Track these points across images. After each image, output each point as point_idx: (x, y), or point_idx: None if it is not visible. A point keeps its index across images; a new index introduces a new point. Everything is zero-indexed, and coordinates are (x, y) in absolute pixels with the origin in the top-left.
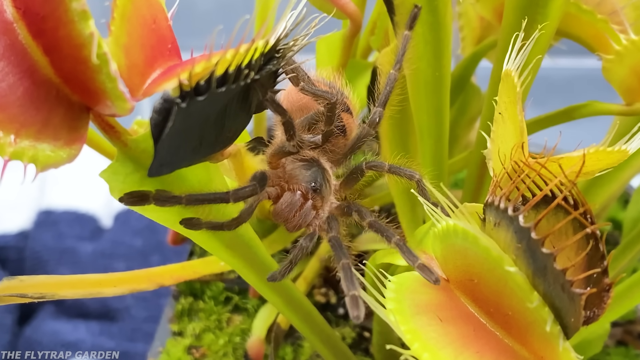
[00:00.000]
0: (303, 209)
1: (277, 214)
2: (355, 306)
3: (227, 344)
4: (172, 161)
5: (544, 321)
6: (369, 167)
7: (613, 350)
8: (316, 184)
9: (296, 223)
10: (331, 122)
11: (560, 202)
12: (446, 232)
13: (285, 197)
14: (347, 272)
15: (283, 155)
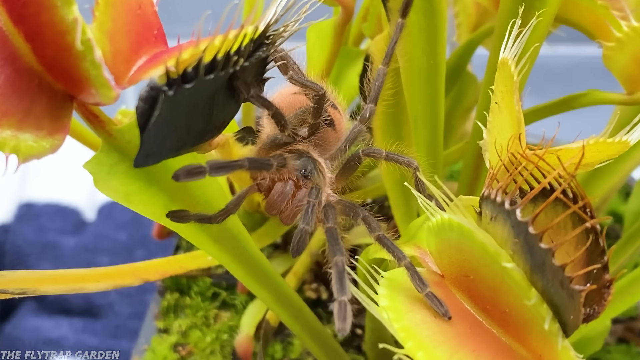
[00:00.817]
0: (296, 196)
1: (270, 206)
2: (342, 316)
3: (214, 341)
4: (158, 151)
5: (542, 319)
6: (366, 154)
7: (614, 348)
8: (307, 171)
9: (291, 212)
10: (319, 114)
11: (558, 196)
12: (441, 226)
13: (277, 187)
14: (339, 272)
15: (273, 148)
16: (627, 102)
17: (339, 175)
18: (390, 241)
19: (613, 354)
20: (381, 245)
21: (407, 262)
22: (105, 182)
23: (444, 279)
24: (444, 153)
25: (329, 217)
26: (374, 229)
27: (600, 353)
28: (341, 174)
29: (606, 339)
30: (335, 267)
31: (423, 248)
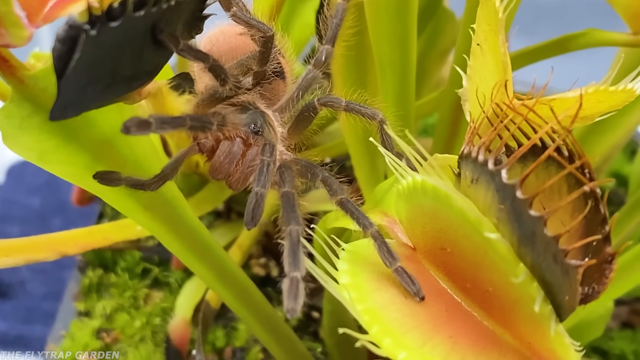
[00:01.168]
0: (247, 156)
1: (216, 169)
2: (292, 294)
3: (144, 326)
4: (78, 102)
5: (532, 299)
6: (323, 103)
7: (617, 334)
8: (257, 126)
9: (241, 175)
10: (266, 60)
11: (552, 154)
12: (412, 190)
13: (223, 146)
14: (293, 243)
15: (213, 103)
16: (633, 43)
17: (291, 130)
18: (355, 206)
19: (616, 341)
20: (344, 211)
21: (374, 231)
22: (15, 137)
23: (416, 253)
24: (416, 104)
25: (285, 179)
26: (335, 192)
27: (601, 340)
28: (294, 127)
29: (608, 323)
30: (289, 238)
31: (391, 216)
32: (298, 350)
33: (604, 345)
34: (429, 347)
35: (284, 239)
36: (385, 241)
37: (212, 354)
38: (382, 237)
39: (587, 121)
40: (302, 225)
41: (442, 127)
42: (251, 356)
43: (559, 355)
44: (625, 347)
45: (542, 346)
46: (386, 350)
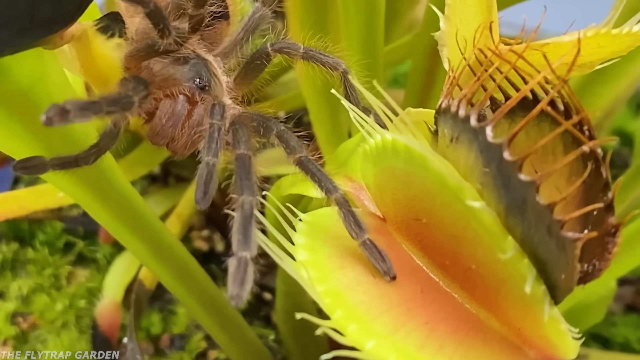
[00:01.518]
0: (192, 117)
1: (157, 133)
2: (239, 279)
3: (67, 309)
4: None
5: (522, 278)
6: (277, 50)
7: (620, 319)
8: (203, 80)
9: (187, 139)
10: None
11: (544, 108)
12: (382, 151)
13: (164, 106)
14: (245, 217)
15: (148, 56)
16: None
17: (239, 79)
18: (317, 166)
19: (619, 327)
20: (303, 172)
21: (339, 196)
22: None
23: (385, 224)
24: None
25: (239, 139)
26: (293, 149)
27: (602, 326)
28: (242, 77)
29: (610, 306)
30: (241, 210)
31: (357, 181)
32: (247, 338)
33: (605, 331)
34: (402, 335)
35: (235, 211)
36: (352, 209)
37: (146, 341)
38: (349, 203)
39: (586, 69)
40: (257, 197)
41: (415, 76)
42: (192, 344)
43: (554, 343)
44: (629, 334)
45: (533, 333)
46: (351, 338)
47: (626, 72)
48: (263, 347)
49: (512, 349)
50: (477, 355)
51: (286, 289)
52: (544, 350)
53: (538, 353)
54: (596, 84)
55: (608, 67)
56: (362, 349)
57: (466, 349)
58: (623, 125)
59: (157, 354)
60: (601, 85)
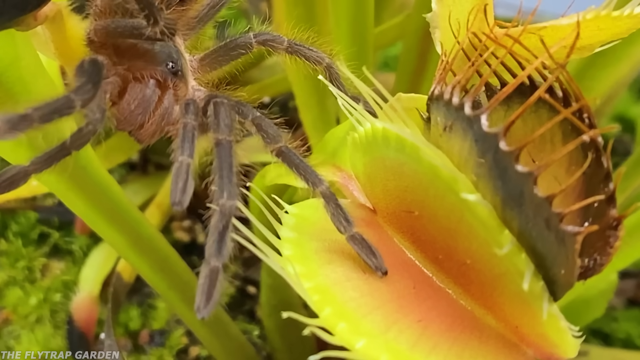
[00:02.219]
0: (163, 104)
1: (125, 118)
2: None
3: (41, 304)
4: None
5: (520, 274)
6: (261, 42)
7: (622, 314)
8: (176, 64)
9: (156, 128)
10: None
11: (542, 96)
12: (372, 140)
13: (133, 91)
14: (223, 222)
15: (115, 34)
16: None
17: (206, 61)
18: (299, 157)
19: (621, 322)
20: (285, 163)
21: (325, 189)
22: None
23: (376, 216)
24: (374, 30)
25: (221, 120)
26: (272, 138)
27: (602, 321)
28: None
29: (611, 300)
30: (219, 215)
31: (346, 170)
32: (230, 334)
33: (605, 327)
34: (393, 334)
35: (213, 214)
36: (339, 202)
37: (124, 337)
38: (335, 196)
39: (585, 52)
40: (238, 198)
41: (407, 59)
42: (173, 340)
43: (553, 341)
44: (631, 329)
45: (532, 330)
46: (341, 337)
47: (627, 55)
48: (247, 343)
49: (509, 347)
50: (473, 354)
51: (272, 282)
52: (542, 349)
53: (536, 351)
54: (596, 67)
55: (608, 49)
56: (352, 349)
57: (461, 347)
58: (624, 110)
59: (136, 351)
60: (601, 69)
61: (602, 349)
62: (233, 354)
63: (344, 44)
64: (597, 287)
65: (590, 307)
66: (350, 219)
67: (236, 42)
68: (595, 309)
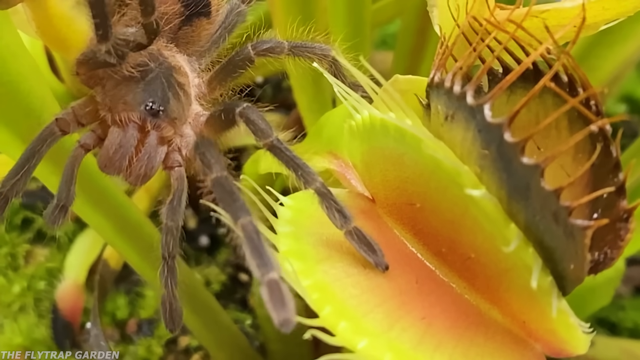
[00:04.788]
0: (143, 149)
1: (105, 165)
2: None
3: (25, 292)
4: None
5: (527, 269)
6: (261, 53)
7: (629, 303)
8: (156, 103)
9: (138, 174)
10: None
11: (547, 84)
12: (370, 129)
13: (111, 136)
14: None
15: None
16: None
17: (214, 82)
18: (290, 152)
19: (628, 311)
20: (277, 158)
21: (319, 186)
22: None
23: (375, 206)
24: (372, 7)
25: (210, 163)
26: (262, 132)
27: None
28: (218, 80)
29: (618, 288)
30: (245, 234)
31: (343, 158)
32: (221, 323)
33: (612, 316)
34: (397, 332)
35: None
36: (334, 198)
37: (111, 327)
38: (330, 192)
39: (590, 31)
40: (252, 214)
41: (405, 37)
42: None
43: (562, 337)
44: (639, 318)
45: (540, 326)
46: (342, 337)
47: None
48: (239, 333)
49: (516, 343)
50: (479, 352)
51: None
52: (551, 344)
53: (545, 347)
54: (602, 46)
55: (614, 27)
56: (354, 349)
57: (467, 345)
58: (632, 90)
59: (123, 341)
60: (607, 48)
61: (608, 339)
62: (224, 344)
63: (340, 22)
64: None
65: (596, 295)
66: (347, 214)
67: (237, 59)
68: (602, 297)
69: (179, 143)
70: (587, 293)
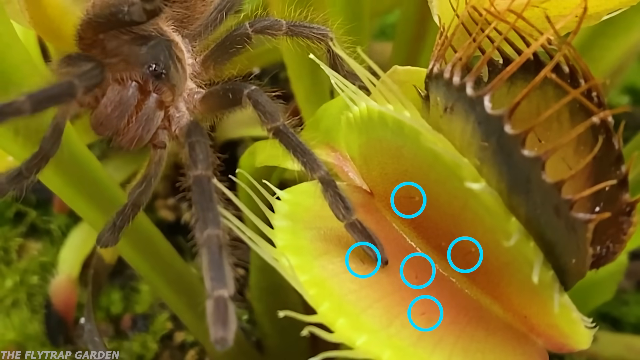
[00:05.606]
0: (143, 109)
1: (101, 123)
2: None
3: (17, 286)
4: None
5: (528, 263)
6: (259, 31)
7: (632, 297)
8: (159, 66)
9: (133, 136)
10: None
11: (549, 75)
12: (368, 121)
13: (111, 93)
14: (214, 253)
15: (107, 26)
16: None
17: (209, 61)
18: (297, 138)
19: (631, 306)
20: (282, 144)
21: (324, 174)
22: None
23: (373, 199)
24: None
25: (198, 157)
26: (270, 116)
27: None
28: (214, 59)
29: (620, 283)
30: (208, 247)
31: (340, 151)
32: None
33: (615, 311)
34: (396, 328)
35: (201, 247)
36: (338, 188)
37: (106, 322)
38: (334, 182)
39: (592, 21)
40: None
41: (404, 27)
42: (157, 325)
43: (564, 332)
44: None
45: (542, 321)
46: (341, 334)
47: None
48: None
49: (518, 338)
50: (480, 347)
51: (261, 264)
52: (553, 339)
53: (547, 342)
54: (605, 36)
55: (618, 17)
56: (353, 346)
57: (468, 341)
58: (635, 82)
59: (117, 336)
60: (611, 38)
61: (611, 334)
62: None
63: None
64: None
65: (599, 289)
66: (349, 205)
67: (232, 38)
68: (604, 292)
69: (172, 114)
70: (589, 288)
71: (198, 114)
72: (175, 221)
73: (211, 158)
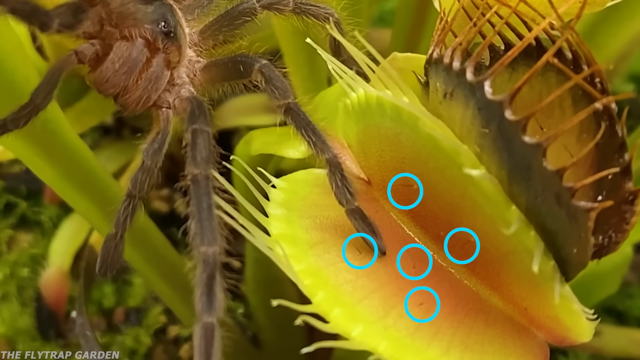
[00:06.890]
0: (152, 66)
1: (107, 80)
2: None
3: (7, 279)
4: None
5: (529, 253)
6: (266, 6)
7: (637, 291)
8: (169, 25)
9: (141, 94)
10: None
11: (551, 60)
12: (365, 107)
13: (119, 49)
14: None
15: None
16: None
17: (208, 32)
18: (307, 117)
19: (636, 299)
20: (292, 122)
21: (332, 157)
22: None
23: (371, 188)
24: None
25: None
26: (282, 92)
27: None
28: (214, 31)
29: (625, 275)
30: (203, 266)
31: (337, 138)
32: None
33: (619, 304)
34: (392, 319)
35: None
36: (344, 173)
37: (98, 316)
38: (342, 165)
39: (596, 7)
40: (221, 244)
41: (404, 13)
42: (150, 319)
43: (566, 324)
44: None
45: (542, 312)
46: (336, 324)
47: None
48: (231, 322)
49: (517, 330)
50: (479, 340)
51: (257, 256)
52: (554, 332)
53: (548, 334)
54: (610, 23)
55: (622, 3)
56: (349, 337)
57: (466, 332)
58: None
59: (110, 330)
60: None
61: (616, 328)
62: None
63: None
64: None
65: (603, 282)
66: (354, 191)
67: (239, 10)
68: (609, 285)
69: (175, 79)
70: (593, 281)
71: (198, 84)
72: (169, 212)
73: (212, 153)
